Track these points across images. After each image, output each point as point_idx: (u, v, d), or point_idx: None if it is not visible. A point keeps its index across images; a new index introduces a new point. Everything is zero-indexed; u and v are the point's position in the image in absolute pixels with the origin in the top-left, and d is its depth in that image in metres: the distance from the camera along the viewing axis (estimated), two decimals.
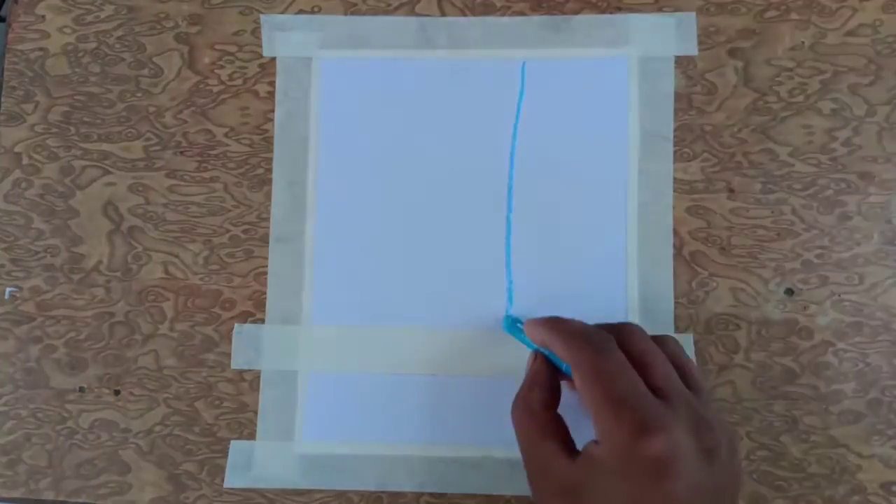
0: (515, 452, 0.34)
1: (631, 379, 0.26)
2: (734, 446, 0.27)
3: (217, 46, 0.38)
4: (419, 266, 0.36)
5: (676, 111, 0.37)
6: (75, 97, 0.38)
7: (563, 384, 0.31)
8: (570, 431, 0.28)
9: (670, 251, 0.36)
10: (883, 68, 0.37)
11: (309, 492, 0.35)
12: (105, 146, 0.38)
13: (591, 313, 0.35)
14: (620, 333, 0.29)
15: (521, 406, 0.29)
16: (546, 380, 0.30)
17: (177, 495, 0.36)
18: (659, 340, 0.29)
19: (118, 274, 0.37)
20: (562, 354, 0.28)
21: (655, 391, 0.26)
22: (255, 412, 0.36)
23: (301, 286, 0.36)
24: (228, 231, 0.37)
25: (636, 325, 0.30)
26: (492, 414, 0.35)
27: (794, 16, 0.37)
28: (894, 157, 0.36)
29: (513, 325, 0.34)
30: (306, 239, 0.37)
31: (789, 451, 0.35)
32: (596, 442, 0.26)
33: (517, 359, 0.35)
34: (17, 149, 0.38)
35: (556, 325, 0.30)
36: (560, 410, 0.29)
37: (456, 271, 0.36)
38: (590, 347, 0.27)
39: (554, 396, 0.30)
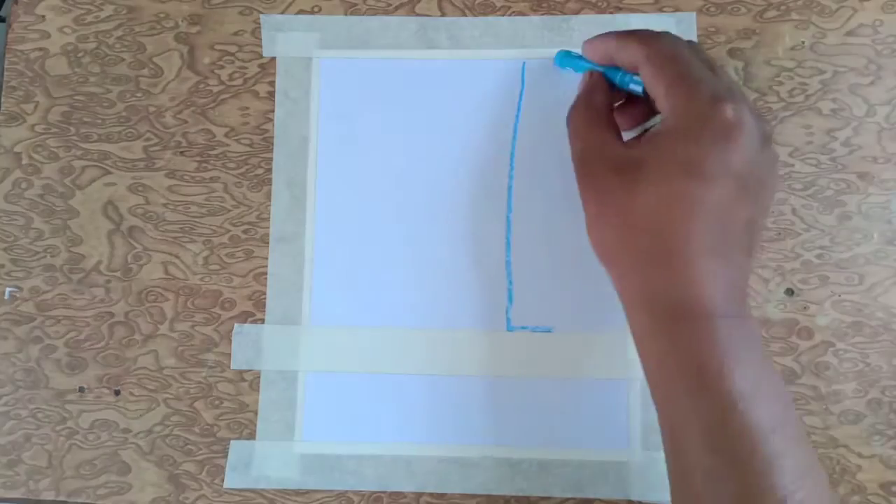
0: (515, 452, 0.35)
1: (702, 64, 0.29)
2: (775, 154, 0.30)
3: (217, 46, 0.38)
4: (419, 266, 0.36)
5: None
6: (75, 97, 0.38)
7: (617, 117, 0.32)
8: None
9: None
10: (883, 68, 0.37)
11: (309, 492, 0.35)
12: (105, 146, 0.38)
13: (592, 313, 0.35)
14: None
15: (584, 104, 0.32)
16: (607, 88, 0.32)
17: (177, 495, 0.36)
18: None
19: (118, 274, 0.37)
20: (635, 50, 0.30)
21: None
22: (255, 412, 0.36)
23: (301, 286, 0.36)
24: (228, 231, 0.37)
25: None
26: (491, 414, 0.35)
27: (794, 16, 0.37)
28: (894, 157, 0.36)
29: (566, 56, 0.35)
30: (306, 239, 0.37)
31: None
32: (658, 128, 0.28)
33: (517, 359, 0.35)
34: (17, 149, 0.38)
35: (620, 31, 0.32)
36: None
37: (455, 271, 0.36)
38: (665, 38, 0.30)
39: (611, 103, 0.32)
